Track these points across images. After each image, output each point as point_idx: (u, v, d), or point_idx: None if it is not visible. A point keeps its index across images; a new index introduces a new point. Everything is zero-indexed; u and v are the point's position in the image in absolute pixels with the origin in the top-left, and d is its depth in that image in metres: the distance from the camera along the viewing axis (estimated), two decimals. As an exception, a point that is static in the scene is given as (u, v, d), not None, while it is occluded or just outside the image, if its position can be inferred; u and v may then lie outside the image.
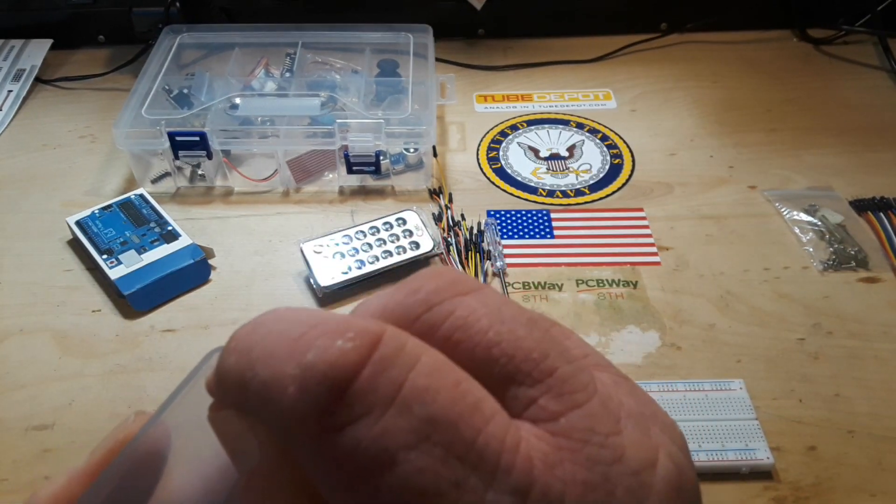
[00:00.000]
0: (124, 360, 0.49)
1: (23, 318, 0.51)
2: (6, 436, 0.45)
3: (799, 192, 0.61)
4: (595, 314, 0.51)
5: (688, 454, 0.14)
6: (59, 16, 0.77)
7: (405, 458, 0.12)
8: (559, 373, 0.14)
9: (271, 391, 0.12)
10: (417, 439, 0.12)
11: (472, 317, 0.14)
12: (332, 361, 0.12)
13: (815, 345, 0.49)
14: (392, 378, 0.12)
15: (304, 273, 0.54)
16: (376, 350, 0.12)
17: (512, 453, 0.12)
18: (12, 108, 0.71)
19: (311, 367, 0.12)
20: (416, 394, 0.12)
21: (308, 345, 0.12)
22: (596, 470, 0.13)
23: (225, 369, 0.13)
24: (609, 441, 0.13)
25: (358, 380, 0.12)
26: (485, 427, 0.12)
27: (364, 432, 0.12)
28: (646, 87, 0.73)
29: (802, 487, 0.41)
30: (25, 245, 0.57)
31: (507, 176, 0.63)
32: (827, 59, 0.77)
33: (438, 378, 0.13)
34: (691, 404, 0.44)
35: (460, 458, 0.12)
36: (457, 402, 0.12)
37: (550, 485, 0.12)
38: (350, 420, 0.12)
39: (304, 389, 0.12)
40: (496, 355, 0.14)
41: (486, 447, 0.12)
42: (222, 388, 0.14)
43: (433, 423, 0.12)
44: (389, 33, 0.69)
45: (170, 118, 0.59)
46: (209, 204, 0.61)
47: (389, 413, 0.12)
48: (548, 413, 0.13)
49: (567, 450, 0.13)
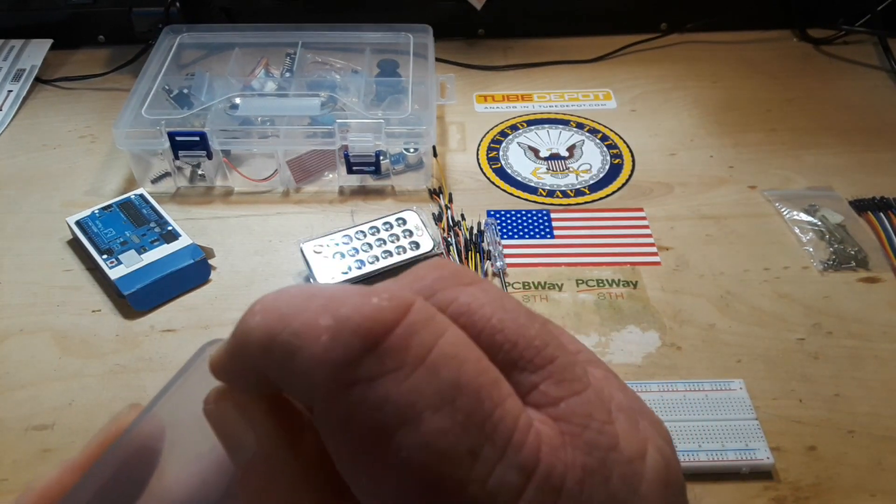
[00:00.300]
0: (124, 360, 0.49)
1: (23, 318, 0.51)
2: (6, 436, 0.45)
3: (799, 192, 0.61)
4: (595, 314, 0.51)
5: (674, 449, 0.15)
6: (59, 16, 0.77)
7: (430, 418, 0.12)
8: (558, 361, 0.14)
9: (303, 340, 0.13)
10: (443, 401, 0.12)
11: (476, 303, 0.14)
12: (369, 315, 0.13)
13: (815, 345, 0.49)
14: (423, 340, 0.13)
15: (305, 273, 0.54)
16: (409, 313, 0.13)
17: (524, 432, 0.13)
18: (12, 108, 0.71)
19: (347, 318, 0.12)
20: (445, 359, 0.13)
21: (342, 301, 0.13)
22: (594, 455, 0.13)
23: (249, 327, 0.13)
24: (605, 428, 0.13)
25: (392, 335, 0.12)
26: (503, 403, 0.13)
27: (393, 387, 0.12)
28: (646, 87, 0.73)
29: (802, 487, 0.41)
30: (25, 245, 0.57)
31: (507, 176, 0.63)
32: (827, 60, 0.77)
33: (464, 350, 0.13)
34: (691, 404, 0.44)
35: (479, 426, 0.12)
36: (480, 374, 0.13)
37: (553, 465, 0.13)
38: (381, 373, 0.12)
39: (337, 338, 0.12)
40: (500, 341, 0.14)
41: (501, 421, 0.13)
42: (241, 350, 0.14)
43: (459, 388, 0.12)
44: (389, 33, 0.69)
45: (170, 118, 0.59)
46: (209, 204, 0.61)
47: (419, 372, 0.12)
48: (549, 398, 0.14)
49: (568, 434, 0.13)
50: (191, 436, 0.16)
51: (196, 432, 0.15)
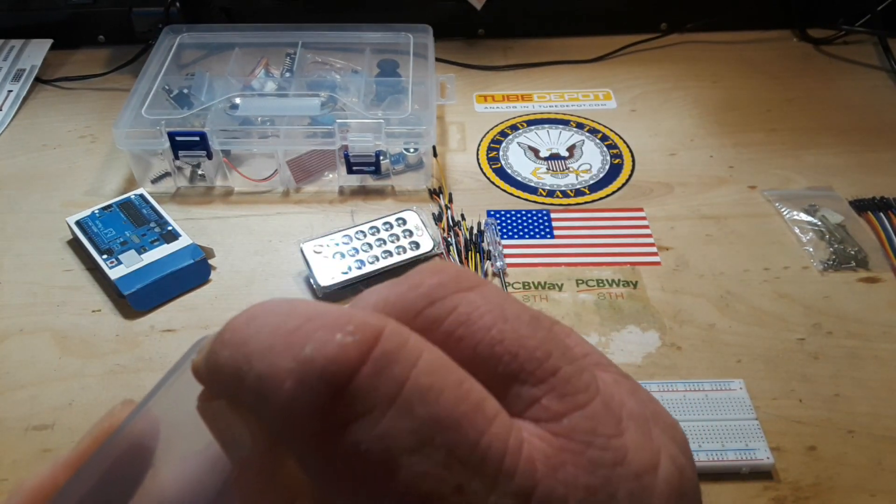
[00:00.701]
0: (124, 360, 0.49)
1: (23, 318, 0.51)
2: (6, 436, 0.45)
3: (799, 192, 0.61)
4: (595, 314, 0.51)
5: (689, 455, 0.14)
6: (59, 16, 0.77)
7: (407, 462, 0.11)
8: (562, 373, 0.13)
9: (267, 386, 0.12)
10: (420, 442, 0.12)
11: (476, 313, 0.13)
12: (332, 356, 0.12)
13: (815, 345, 0.49)
14: (394, 376, 0.12)
15: (304, 273, 0.54)
16: (377, 345, 0.12)
17: (515, 456, 0.12)
18: (12, 108, 0.71)
19: (309, 361, 0.12)
20: (419, 393, 0.12)
21: (305, 338, 0.12)
22: (598, 473, 0.12)
23: (219, 363, 0.13)
24: (611, 443, 0.13)
25: (358, 376, 0.12)
26: (488, 428, 0.12)
27: (365, 433, 0.11)
28: (646, 87, 0.73)
29: (802, 487, 0.41)
30: (25, 245, 0.57)
31: (507, 176, 0.63)
32: (827, 60, 0.77)
33: (441, 376, 0.12)
34: (691, 404, 0.44)
35: (463, 461, 0.12)
36: (460, 402, 0.12)
37: (553, 488, 0.12)
38: (350, 419, 0.12)
39: (301, 385, 0.12)
40: (499, 353, 0.13)
41: (488, 449, 0.12)
42: (215, 381, 0.13)
43: (436, 424, 0.12)
44: (389, 33, 0.69)
45: (170, 118, 0.59)
46: (209, 204, 0.61)
47: (391, 413, 0.12)
48: (550, 413, 0.13)
49: (569, 451, 0.12)
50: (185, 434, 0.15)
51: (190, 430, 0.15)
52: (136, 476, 0.16)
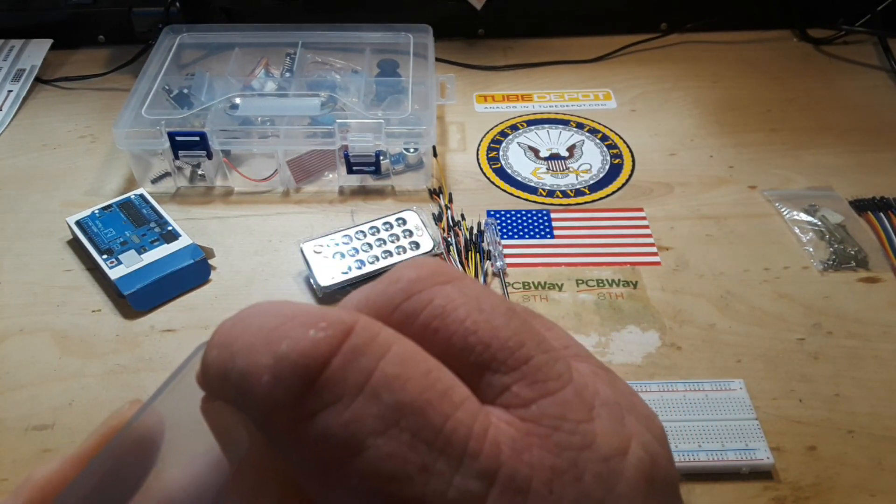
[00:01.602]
0: (124, 360, 0.49)
1: (23, 318, 0.51)
2: (6, 435, 0.45)
3: (799, 192, 0.61)
4: (595, 314, 0.51)
5: (665, 445, 0.15)
6: (59, 16, 0.77)
7: (373, 444, 0.12)
8: (534, 361, 0.14)
9: (248, 381, 0.13)
10: (385, 425, 0.12)
11: (451, 305, 0.14)
12: (304, 351, 0.13)
13: (815, 345, 0.49)
14: (362, 367, 0.13)
15: (305, 273, 0.54)
16: (347, 340, 0.13)
17: (479, 439, 0.13)
18: (12, 108, 0.71)
19: (284, 356, 0.13)
20: (386, 382, 0.13)
21: (283, 336, 0.13)
22: (564, 455, 0.13)
23: (208, 363, 0.14)
24: (580, 428, 0.13)
25: (328, 368, 0.12)
26: (453, 413, 0.13)
27: (334, 419, 0.12)
28: (646, 87, 0.73)
29: (802, 487, 0.41)
30: (25, 245, 0.57)
31: (507, 176, 0.63)
32: (827, 60, 0.77)
33: (408, 367, 0.13)
34: (691, 404, 0.44)
35: (428, 443, 0.12)
36: (426, 389, 0.13)
37: (517, 469, 0.13)
38: (320, 407, 0.12)
39: (277, 378, 0.12)
40: (472, 343, 0.14)
41: (453, 433, 0.12)
42: (207, 381, 0.14)
43: (401, 409, 0.12)
44: (389, 33, 0.69)
45: (170, 118, 0.59)
46: (209, 204, 0.61)
47: (358, 400, 0.12)
48: (520, 400, 0.13)
49: (536, 435, 0.13)
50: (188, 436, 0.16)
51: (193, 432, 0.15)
52: (141, 472, 0.16)
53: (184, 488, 0.16)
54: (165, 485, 0.16)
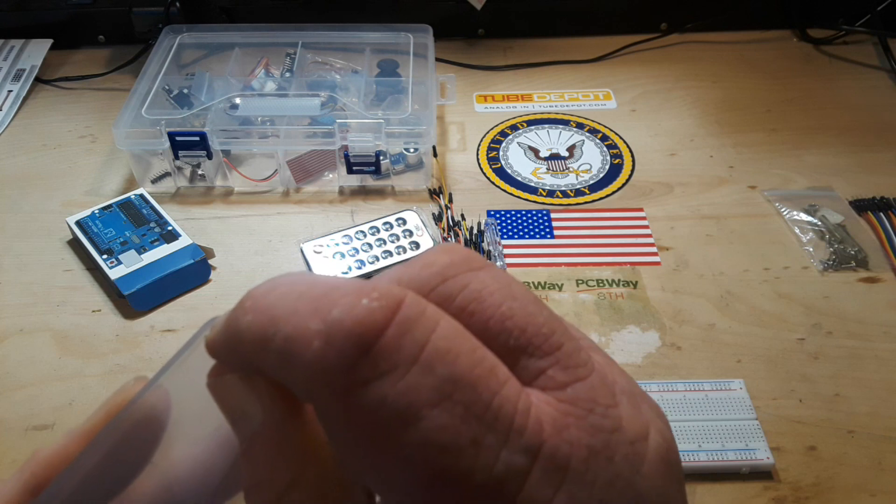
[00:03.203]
0: (124, 360, 0.49)
1: (23, 318, 0.51)
2: (6, 435, 0.45)
3: (799, 192, 0.61)
4: (595, 314, 0.51)
5: (671, 432, 0.15)
6: (59, 16, 0.77)
7: (428, 415, 0.12)
8: (565, 348, 0.14)
9: (296, 346, 0.13)
10: (440, 397, 0.12)
11: (486, 290, 0.14)
12: (359, 318, 0.13)
13: (815, 345, 0.49)
14: (416, 338, 0.13)
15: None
16: (400, 311, 0.13)
17: (524, 415, 0.13)
18: (12, 108, 0.71)
19: (338, 322, 0.13)
20: (439, 354, 0.13)
21: (333, 303, 0.13)
22: (598, 436, 0.14)
23: (241, 328, 0.13)
24: (609, 412, 0.14)
25: (384, 337, 0.13)
26: (500, 390, 0.13)
27: (389, 388, 0.12)
28: (646, 87, 0.73)
29: (802, 487, 0.41)
30: (25, 245, 0.57)
31: (507, 176, 0.63)
32: (827, 60, 0.77)
33: (458, 342, 0.13)
34: (691, 404, 0.44)
35: (479, 417, 0.13)
36: (475, 365, 0.13)
37: (558, 446, 0.13)
38: (375, 376, 0.12)
39: (330, 344, 0.12)
40: (509, 327, 0.14)
41: (501, 408, 0.13)
42: (235, 349, 0.14)
43: (454, 382, 0.13)
44: (389, 33, 0.69)
45: (170, 118, 0.59)
46: (209, 204, 0.61)
47: (414, 371, 0.13)
48: (556, 383, 0.14)
49: (573, 416, 0.14)
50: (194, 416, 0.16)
51: (200, 412, 0.15)
52: (146, 449, 0.16)
53: (190, 469, 0.16)
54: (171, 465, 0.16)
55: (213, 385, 0.15)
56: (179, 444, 0.16)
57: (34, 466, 0.17)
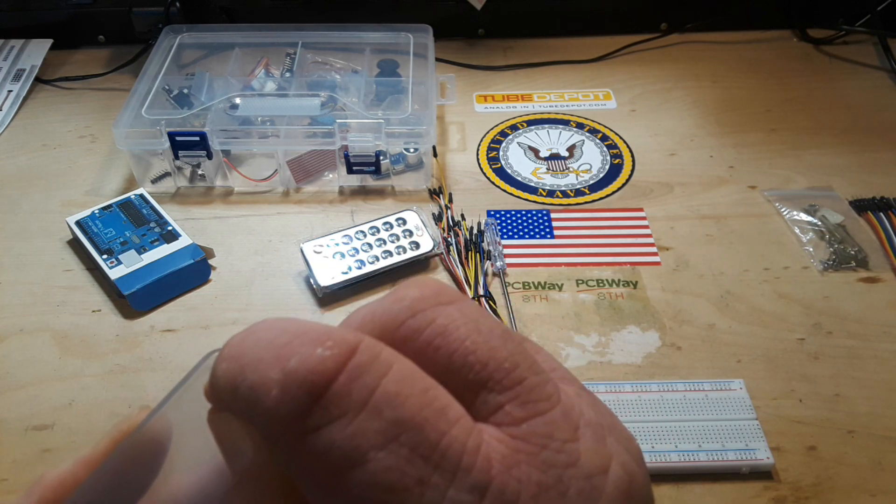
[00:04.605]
0: (124, 360, 0.49)
1: (23, 318, 0.51)
2: (6, 436, 0.45)
3: (799, 192, 0.61)
4: (595, 314, 0.51)
5: (642, 465, 0.16)
6: (59, 16, 0.77)
7: (374, 457, 0.13)
8: (526, 382, 0.15)
9: (257, 394, 0.13)
10: (386, 440, 0.13)
11: (452, 325, 0.15)
12: (311, 367, 0.13)
13: (815, 345, 0.49)
14: (365, 384, 0.13)
15: (305, 273, 0.54)
16: (352, 358, 0.13)
17: (473, 455, 0.13)
18: (12, 108, 0.71)
19: (293, 372, 0.13)
20: (387, 398, 0.13)
21: (292, 352, 0.14)
22: (550, 472, 0.14)
23: (218, 375, 0.14)
24: (566, 447, 0.14)
25: (334, 384, 0.13)
26: (449, 430, 0.13)
27: (338, 433, 0.13)
28: (646, 87, 0.73)
29: (802, 487, 0.41)
30: (25, 245, 0.57)
31: (507, 176, 0.63)
32: (827, 60, 0.77)
33: (408, 385, 0.14)
34: (691, 404, 0.44)
35: (425, 457, 0.13)
36: (424, 407, 0.13)
37: (507, 483, 0.13)
38: (326, 421, 0.13)
39: (285, 392, 0.13)
40: (471, 362, 0.15)
41: (448, 448, 0.13)
42: (215, 393, 0.15)
43: (401, 425, 0.13)
44: (389, 33, 0.69)
45: (170, 118, 0.59)
46: (209, 204, 0.61)
47: (362, 415, 0.13)
48: (511, 418, 0.14)
49: (525, 453, 0.14)
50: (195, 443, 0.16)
51: (199, 439, 0.16)
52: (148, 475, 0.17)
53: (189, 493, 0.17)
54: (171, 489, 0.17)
55: (211, 420, 0.16)
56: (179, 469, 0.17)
57: (43, 490, 0.17)
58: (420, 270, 0.55)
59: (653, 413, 0.44)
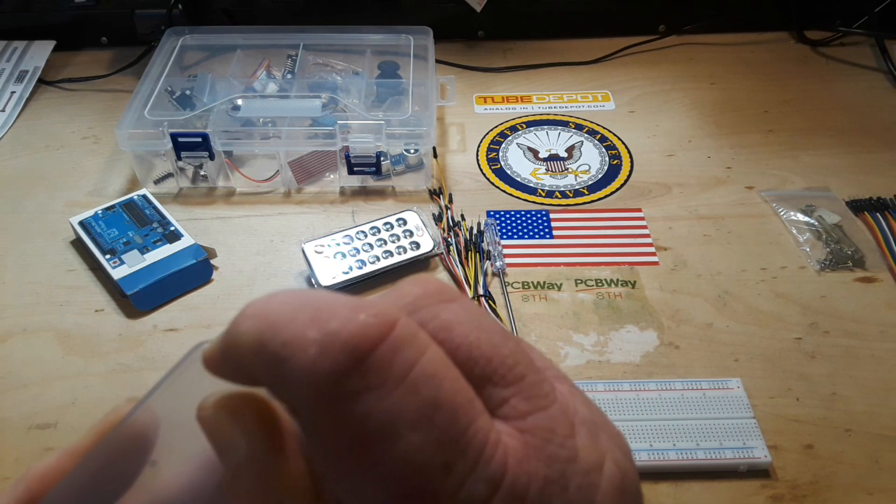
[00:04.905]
0: (127, 360, 0.49)
1: (26, 318, 0.52)
2: (9, 434, 0.45)
3: (796, 193, 0.61)
4: (594, 314, 0.52)
5: (632, 461, 0.16)
6: (62, 17, 0.78)
7: (409, 434, 0.13)
8: (528, 379, 0.15)
9: (292, 351, 0.13)
10: (421, 418, 0.13)
11: (455, 321, 0.15)
12: (355, 332, 0.13)
13: (812, 344, 0.49)
14: (406, 358, 0.13)
15: (306, 273, 0.54)
16: (394, 330, 0.13)
17: (493, 447, 0.14)
18: (16, 110, 0.71)
19: (334, 333, 0.13)
20: (426, 377, 0.13)
21: (332, 314, 0.13)
22: (555, 466, 0.14)
23: (240, 332, 0.14)
24: (567, 442, 0.15)
25: (376, 353, 0.13)
26: (476, 419, 0.14)
27: (376, 403, 0.13)
28: (644, 89, 0.74)
29: (800, 486, 0.42)
30: (29, 245, 0.57)
31: (507, 177, 0.64)
32: (824, 61, 0.77)
33: (444, 368, 0.14)
34: (689, 403, 0.45)
35: (454, 442, 0.13)
36: (457, 393, 0.14)
37: (519, 477, 0.14)
38: (364, 389, 0.13)
39: (325, 353, 0.13)
40: (476, 357, 0.15)
41: (474, 437, 0.13)
42: (232, 352, 0.14)
43: (437, 406, 0.13)
44: (390, 35, 0.70)
45: (172, 119, 0.60)
46: (211, 204, 0.61)
47: (400, 389, 0.13)
48: (517, 412, 0.14)
49: (532, 447, 0.14)
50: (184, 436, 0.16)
51: (189, 433, 0.16)
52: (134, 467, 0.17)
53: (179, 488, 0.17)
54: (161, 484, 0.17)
55: (202, 417, 0.15)
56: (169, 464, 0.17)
57: (29, 481, 0.17)
58: (420, 270, 0.55)
59: (651, 412, 0.44)
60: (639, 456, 0.42)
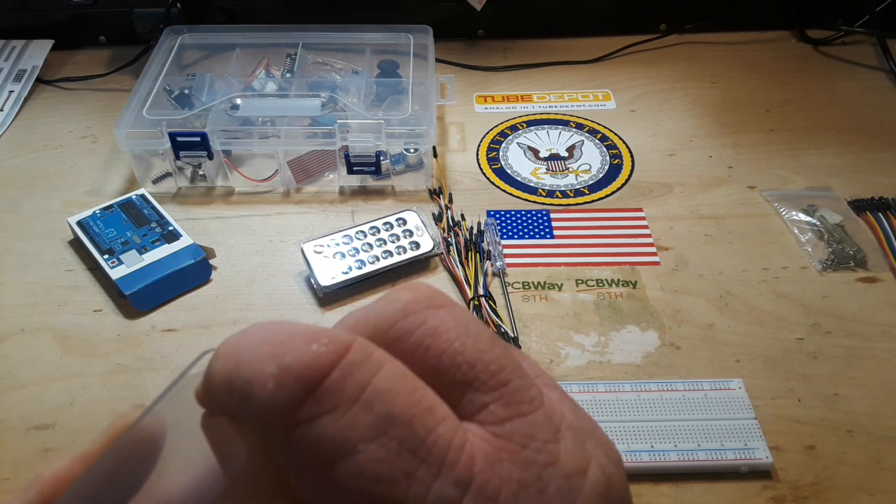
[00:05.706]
0: (125, 360, 0.49)
1: (24, 318, 0.52)
2: (7, 435, 0.45)
3: (798, 193, 0.61)
4: (594, 314, 0.51)
5: (621, 469, 0.16)
6: (60, 16, 0.77)
7: (364, 448, 0.14)
8: (511, 385, 0.15)
9: (253, 387, 0.14)
10: (376, 433, 0.14)
11: (442, 327, 0.16)
12: (307, 363, 0.14)
13: (813, 344, 0.49)
14: (358, 380, 0.14)
15: (305, 273, 0.54)
16: (346, 356, 0.14)
17: (457, 451, 0.14)
18: (13, 109, 0.71)
19: (289, 366, 0.14)
20: (378, 395, 0.14)
21: (288, 349, 0.14)
22: (531, 470, 0.14)
23: (213, 372, 0.15)
24: (547, 447, 0.15)
25: (328, 379, 0.14)
26: (436, 427, 0.14)
27: (330, 424, 0.14)
28: (645, 88, 0.74)
29: (801, 487, 0.42)
30: (27, 245, 0.57)
31: (507, 176, 0.64)
32: (826, 60, 0.77)
33: (398, 383, 0.14)
34: (690, 404, 0.45)
35: (412, 451, 0.14)
36: (413, 404, 0.14)
37: (488, 480, 0.14)
38: (319, 413, 0.14)
39: (281, 385, 0.14)
40: (459, 362, 0.15)
41: (435, 444, 0.14)
42: (210, 391, 0.15)
43: (391, 420, 0.14)
44: (390, 34, 0.69)
45: (171, 119, 0.60)
46: (210, 204, 0.61)
47: (353, 409, 0.14)
48: (495, 417, 0.15)
49: (507, 451, 0.14)
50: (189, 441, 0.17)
51: (193, 440, 0.16)
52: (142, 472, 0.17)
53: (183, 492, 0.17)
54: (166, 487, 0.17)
55: (204, 424, 0.16)
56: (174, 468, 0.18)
57: (41, 485, 0.18)
58: (420, 270, 0.55)
59: (652, 412, 0.44)
60: (640, 457, 0.42)
